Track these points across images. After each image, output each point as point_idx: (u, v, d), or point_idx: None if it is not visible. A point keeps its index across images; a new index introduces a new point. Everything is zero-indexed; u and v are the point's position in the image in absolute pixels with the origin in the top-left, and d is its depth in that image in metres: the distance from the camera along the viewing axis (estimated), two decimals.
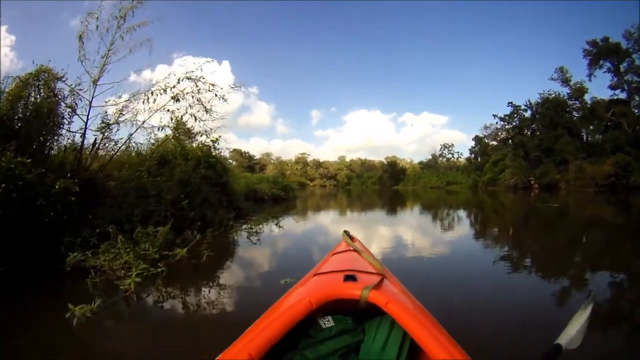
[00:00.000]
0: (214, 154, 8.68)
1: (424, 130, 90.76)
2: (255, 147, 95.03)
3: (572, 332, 1.25)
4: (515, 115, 40.52)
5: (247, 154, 69.65)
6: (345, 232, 2.37)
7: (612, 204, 17.23)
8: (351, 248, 2.10)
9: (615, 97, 34.59)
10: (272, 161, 74.57)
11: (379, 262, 1.78)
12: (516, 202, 20.13)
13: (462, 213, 14.14)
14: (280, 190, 18.00)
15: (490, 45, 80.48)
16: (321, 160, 76.78)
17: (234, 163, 62.19)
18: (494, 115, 42.72)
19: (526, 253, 5.93)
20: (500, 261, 4.92)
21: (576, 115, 36.86)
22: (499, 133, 47.40)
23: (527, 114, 40.14)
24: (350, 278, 1.43)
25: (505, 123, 41.98)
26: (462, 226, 9.75)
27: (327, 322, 1.40)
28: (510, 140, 41.34)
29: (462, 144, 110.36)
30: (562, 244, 6.64)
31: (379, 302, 1.28)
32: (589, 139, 35.46)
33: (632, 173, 28.27)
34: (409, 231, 8.33)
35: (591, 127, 34.41)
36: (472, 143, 47.64)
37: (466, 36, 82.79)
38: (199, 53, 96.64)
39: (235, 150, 69.34)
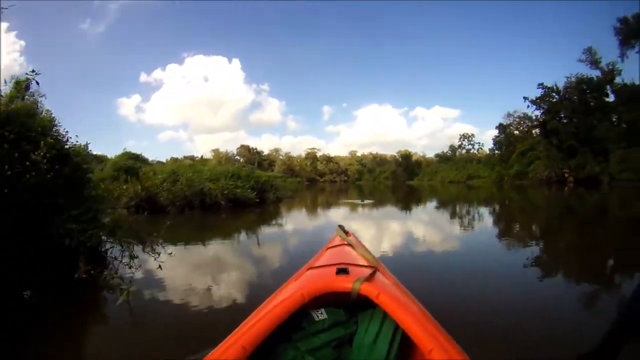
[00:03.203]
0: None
1: (435, 124, 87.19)
2: (267, 144, 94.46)
3: None
4: (547, 99, 36.24)
5: (254, 150, 68.69)
6: (340, 226, 2.35)
7: None
8: (345, 242, 2.09)
9: None
10: (281, 157, 72.36)
11: (372, 256, 1.78)
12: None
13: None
14: (249, 190, 12.04)
15: (505, 36, 76.88)
16: (332, 156, 74.31)
17: (242, 160, 58.45)
18: (525, 98, 37.84)
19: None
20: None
21: (610, 99, 33.34)
22: (522, 122, 43.88)
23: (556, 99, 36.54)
24: (342, 271, 1.41)
25: (536, 107, 37.63)
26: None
27: (320, 315, 1.39)
28: (540, 128, 37.48)
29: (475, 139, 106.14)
30: None
31: (371, 294, 1.27)
32: (629, 126, 31.83)
33: None
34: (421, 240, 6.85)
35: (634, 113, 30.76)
36: (484, 138, 44.09)
37: (479, 27, 79.93)
38: (210, 52, 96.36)
39: (242, 146, 68.90)
